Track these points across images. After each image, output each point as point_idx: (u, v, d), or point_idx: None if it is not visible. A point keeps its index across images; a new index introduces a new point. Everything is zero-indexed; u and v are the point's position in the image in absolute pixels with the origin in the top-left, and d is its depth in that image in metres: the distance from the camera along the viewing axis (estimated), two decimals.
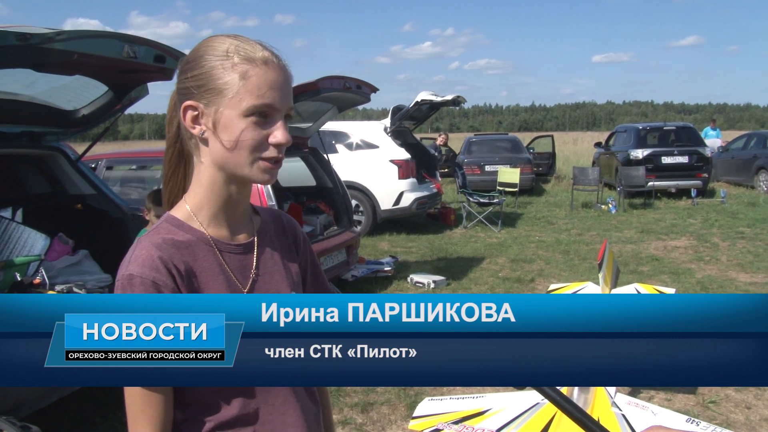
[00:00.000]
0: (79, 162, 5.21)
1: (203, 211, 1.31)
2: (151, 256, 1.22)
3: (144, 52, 3.90)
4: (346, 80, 7.11)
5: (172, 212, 1.33)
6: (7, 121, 4.41)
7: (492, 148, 18.91)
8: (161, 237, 1.27)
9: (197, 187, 1.31)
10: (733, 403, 4.58)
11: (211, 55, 1.23)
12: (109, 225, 5.12)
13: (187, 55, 1.29)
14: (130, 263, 1.22)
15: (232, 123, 1.22)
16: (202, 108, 1.24)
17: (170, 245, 1.25)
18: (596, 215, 14.00)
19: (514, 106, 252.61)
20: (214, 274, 1.28)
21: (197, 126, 1.26)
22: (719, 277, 8.20)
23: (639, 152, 16.15)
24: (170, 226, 1.30)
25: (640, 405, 2.99)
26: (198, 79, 1.24)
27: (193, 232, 1.29)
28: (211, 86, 1.22)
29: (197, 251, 1.28)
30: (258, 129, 1.22)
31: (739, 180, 18.42)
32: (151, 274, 1.20)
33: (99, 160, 7.97)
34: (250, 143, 1.22)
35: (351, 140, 11.89)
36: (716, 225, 12.19)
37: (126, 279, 1.20)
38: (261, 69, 1.22)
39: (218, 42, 1.25)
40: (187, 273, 1.24)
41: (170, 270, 1.22)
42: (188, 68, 1.26)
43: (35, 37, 3.22)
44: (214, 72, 1.22)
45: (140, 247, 1.25)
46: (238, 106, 1.21)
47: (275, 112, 1.24)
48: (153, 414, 1.20)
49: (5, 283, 4.17)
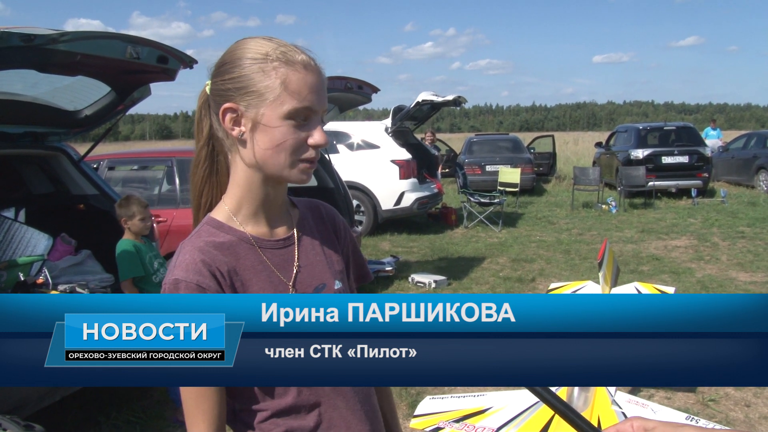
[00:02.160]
0: (81, 162, 5.22)
1: (242, 210, 1.34)
2: (195, 260, 1.25)
3: (147, 53, 3.91)
4: (347, 80, 7.11)
5: (212, 214, 1.36)
6: (10, 121, 4.42)
7: (493, 148, 18.90)
8: (203, 240, 1.30)
9: (235, 188, 1.34)
10: (733, 401, 4.58)
11: (249, 57, 1.25)
12: (111, 225, 5.11)
13: (222, 57, 1.30)
14: (175, 268, 1.25)
15: (272, 125, 1.24)
16: (242, 110, 1.25)
17: (212, 247, 1.28)
18: (597, 215, 14.00)
19: (515, 106, 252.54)
20: (256, 272, 1.31)
21: (237, 128, 1.27)
22: (719, 277, 8.20)
23: (639, 152, 16.14)
24: (211, 228, 1.33)
25: (641, 403, 2.99)
26: (237, 81, 1.25)
27: (233, 233, 1.32)
28: (251, 89, 1.24)
29: (239, 251, 1.31)
30: (297, 131, 1.25)
31: (739, 180, 18.41)
32: (195, 277, 1.23)
33: (101, 160, 7.97)
34: (291, 145, 1.25)
35: (352, 140, 11.89)
36: (716, 225, 12.18)
37: (172, 284, 1.23)
38: (301, 73, 1.24)
39: (256, 44, 1.26)
40: (229, 273, 1.27)
41: (213, 273, 1.25)
42: (225, 70, 1.27)
43: (39, 38, 3.23)
44: (255, 75, 1.24)
45: (184, 251, 1.28)
46: (279, 108, 1.23)
47: (314, 115, 1.27)
48: (207, 407, 1.24)
49: (8, 283, 4.18)
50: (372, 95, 7.81)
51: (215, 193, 1.40)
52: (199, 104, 1.37)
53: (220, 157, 1.38)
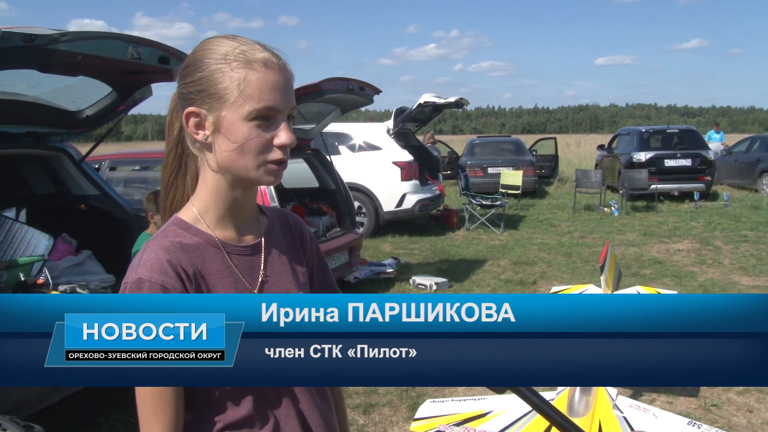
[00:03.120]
0: (82, 162, 5.22)
1: (210, 213, 1.31)
2: (160, 260, 1.22)
3: (148, 54, 3.91)
4: (349, 82, 7.11)
5: (179, 215, 1.32)
6: (12, 121, 4.43)
7: (495, 150, 18.88)
8: (169, 240, 1.26)
9: (203, 190, 1.31)
10: (735, 406, 4.57)
11: (210, 58, 1.23)
12: (113, 225, 5.13)
13: (186, 59, 1.28)
14: (139, 267, 1.21)
15: (235, 127, 1.21)
16: (204, 113, 1.23)
17: (178, 248, 1.25)
18: (599, 218, 13.98)
19: (517, 108, 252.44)
20: (222, 276, 1.28)
21: (201, 132, 1.25)
22: (722, 281, 8.18)
23: (642, 155, 16.12)
24: (178, 228, 1.29)
25: (642, 407, 2.98)
26: (198, 84, 1.23)
27: (200, 235, 1.29)
28: (211, 91, 1.21)
29: (205, 254, 1.28)
30: (262, 132, 1.21)
31: (742, 183, 18.38)
32: (160, 278, 1.19)
33: (102, 160, 7.98)
34: (255, 147, 1.22)
35: (354, 142, 11.89)
36: (719, 228, 12.17)
37: (134, 283, 1.20)
38: (260, 71, 1.21)
39: (216, 45, 1.24)
40: (195, 276, 1.24)
41: (179, 273, 1.22)
42: (188, 72, 1.26)
43: (40, 38, 3.23)
44: (214, 76, 1.21)
45: (149, 250, 1.24)
46: (240, 110, 1.20)
47: (278, 114, 1.23)
48: (164, 415, 1.20)
49: (9, 283, 4.18)
50: (373, 97, 7.81)
51: (181, 194, 1.38)
52: (170, 107, 1.35)
53: (190, 160, 1.36)
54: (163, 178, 1.38)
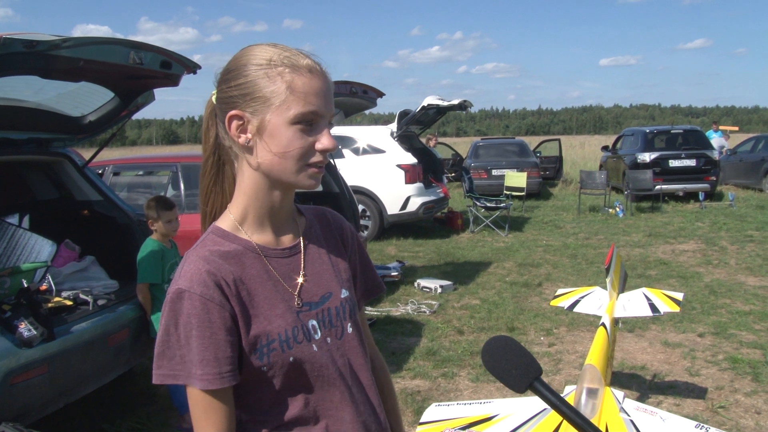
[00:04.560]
0: (86, 168, 5.21)
1: (248, 218, 1.33)
2: (199, 271, 1.23)
3: (150, 59, 3.90)
4: (352, 85, 7.11)
5: (217, 223, 1.34)
6: (14, 127, 4.42)
7: (499, 152, 18.87)
8: (208, 249, 1.28)
9: (241, 196, 1.33)
10: (743, 408, 4.54)
11: (254, 64, 1.24)
12: (116, 231, 5.12)
13: (227, 65, 1.30)
14: (180, 278, 1.24)
15: (279, 131, 1.23)
16: (247, 117, 1.25)
17: (217, 257, 1.27)
18: (604, 219, 13.95)
19: (521, 110, 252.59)
20: (262, 281, 1.30)
21: (243, 135, 1.26)
22: (728, 281, 8.14)
23: (646, 155, 16.08)
24: (216, 237, 1.31)
25: (649, 410, 2.95)
26: (242, 88, 1.24)
27: (239, 242, 1.31)
28: (256, 95, 1.23)
29: (244, 260, 1.29)
30: (305, 136, 1.24)
31: (747, 183, 18.32)
32: (200, 288, 1.21)
33: (106, 166, 7.97)
34: (299, 150, 1.24)
35: (358, 145, 11.89)
36: (724, 228, 12.12)
37: (175, 294, 1.22)
38: (306, 77, 1.23)
39: (260, 51, 1.26)
40: (235, 283, 1.26)
41: (218, 283, 1.23)
42: (230, 77, 1.27)
43: (41, 44, 3.22)
44: (260, 81, 1.23)
45: (189, 261, 1.27)
46: (285, 114, 1.22)
47: (320, 119, 1.25)
48: (216, 419, 1.23)
49: (12, 290, 4.17)
50: (377, 100, 7.81)
51: (220, 202, 1.39)
52: (206, 114, 1.37)
53: (227, 167, 1.37)
54: (202, 185, 1.40)
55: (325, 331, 1.35)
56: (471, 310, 7.14)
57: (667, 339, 5.98)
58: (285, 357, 1.27)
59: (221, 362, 1.20)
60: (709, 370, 5.25)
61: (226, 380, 1.21)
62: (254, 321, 1.26)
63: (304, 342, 1.30)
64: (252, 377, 1.27)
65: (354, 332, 1.40)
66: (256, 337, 1.25)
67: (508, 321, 6.67)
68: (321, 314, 1.35)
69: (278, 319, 1.28)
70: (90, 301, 4.35)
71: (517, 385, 1.20)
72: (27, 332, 3.52)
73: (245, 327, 1.25)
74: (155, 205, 4.32)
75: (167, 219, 4.32)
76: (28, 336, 3.51)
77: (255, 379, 1.27)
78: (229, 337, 1.22)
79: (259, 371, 1.26)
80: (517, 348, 1.22)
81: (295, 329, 1.29)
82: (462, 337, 6.25)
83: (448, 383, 5.10)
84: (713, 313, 6.77)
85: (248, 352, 1.25)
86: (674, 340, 5.97)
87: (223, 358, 1.20)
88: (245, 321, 1.25)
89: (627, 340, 5.98)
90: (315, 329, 1.33)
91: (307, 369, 1.30)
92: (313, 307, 1.35)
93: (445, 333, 6.35)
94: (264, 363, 1.26)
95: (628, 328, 6.24)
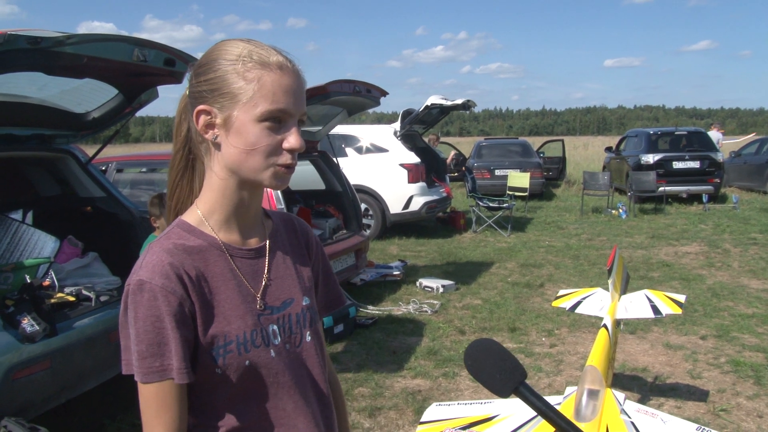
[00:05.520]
0: (89, 164, 5.22)
1: (214, 215, 1.31)
2: (162, 262, 1.21)
3: (154, 56, 3.91)
4: (355, 84, 7.11)
5: (183, 217, 1.32)
6: (18, 123, 4.43)
7: (502, 152, 18.85)
8: (172, 242, 1.26)
9: (208, 192, 1.31)
10: (745, 411, 4.53)
11: (225, 59, 1.23)
12: (119, 227, 5.13)
13: (200, 59, 1.29)
14: (141, 269, 1.22)
15: (246, 128, 1.21)
16: (215, 112, 1.23)
17: (181, 251, 1.25)
18: (606, 220, 13.93)
19: (525, 110, 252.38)
20: (225, 280, 1.28)
21: (210, 130, 1.25)
22: (731, 284, 8.13)
23: (650, 157, 16.04)
24: (181, 231, 1.29)
25: (650, 412, 2.95)
26: (211, 83, 1.23)
27: (204, 237, 1.29)
28: (225, 90, 1.22)
29: (208, 256, 1.28)
30: (272, 134, 1.22)
31: (751, 185, 18.28)
32: (161, 280, 1.19)
33: (109, 162, 7.99)
34: (265, 148, 1.22)
35: (361, 144, 11.88)
36: (728, 231, 12.09)
37: (136, 285, 1.20)
38: (276, 74, 1.21)
39: (232, 46, 1.25)
40: (198, 278, 1.24)
41: (181, 276, 1.22)
42: (201, 72, 1.26)
43: (45, 41, 3.23)
44: (228, 76, 1.22)
45: (151, 252, 1.24)
46: (252, 111, 1.20)
47: (289, 118, 1.24)
48: (168, 418, 1.20)
49: (15, 285, 4.18)
50: (380, 99, 7.80)
51: (186, 196, 1.37)
52: (179, 107, 1.35)
53: (197, 162, 1.35)
54: (170, 179, 1.38)
55: (285, 337, 1.33)
56: (473, 310, 7.14)
57: (669, 341, 5.97)
58: (241, 360, 1.24)
59: (176, 357, 1.18)
60: (711, 372, 5.24)
61: (182, 376, 1.19)
62: (214, 320, 1.24)
63: (262, 346, 1.27)
64: (206, 379, 1.24)
65: (313, 341, 1.38)
66: (214, 336, 1.23)
67: (509, 321, 6.66)
68: (281, 319, 1.33)
69: (238, 320, 1.26)
70: (92, 297, 4.36)
71: (501, 390, 1.17)
72: (30, 327, 3.52)
73: (203, 325, 1.23)
74: (158, 203, 4.33)
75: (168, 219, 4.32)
76: (30, 331, 3.52)
77: (208, 381, 1.24)
78: (187, 334, 1.20)
79: (213, 373, 1.23)
80: (500, 351, 1.19)
81: (254, 332, 1.27)
82: (463, 337, 6.24)
83: (449, 383, 5.10)
84: (715, 315, 6.76)
85: (205, 351, 1.23)
86: (676, 342, 5.96)
87: (179, 353, 1.18)
88: (204, 318, 1.23)
89: (629, 341, 5.97)
90: (275, 334, 1.31)
91: (263, 374, 1.27)
92: (274, 311, 1.33)
93: (447, 333, 6.35)
94: (219, 364, 1.23)
95: (630, 330, 6.23)
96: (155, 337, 1.18)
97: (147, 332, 1.18)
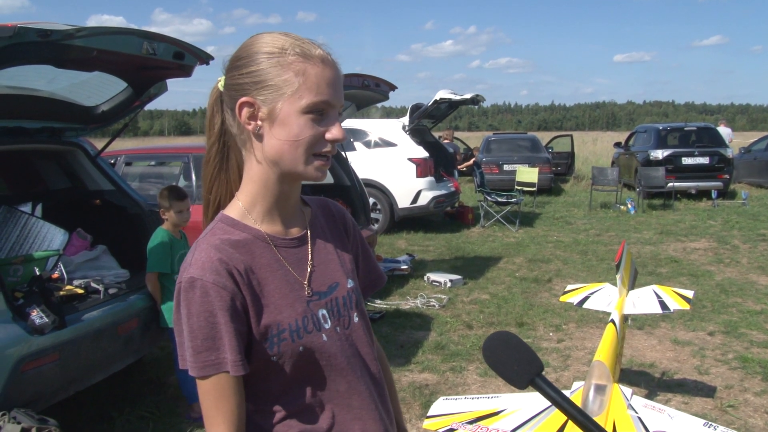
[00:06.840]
0: (98, 158, 5.24)
1: (257, 207, 1.33)
2: (211, 259, 1.23)
3: (163, 49, 3.91)
4: (364, 78, 7.10)
5: (225, 211, 1.34)
6: (27, 116, 4.44)
7: (511, 147, 18.81)
8: (218, 238, 1.28)
9: (249, 184, 1.32)
10: (752, 407, 4.51)
11: (266, 52, 1.24)
12: (128, 221, 5.15)
13: (237, 52, 1.30)
14: (191, 266, 1.24)
15: (290, 119, 1.23)
16: (258, 104, 1.24)
17: (228, 246, 1.27)
18: (615, 216, 13.89)
19: (534, 105, 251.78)
20: (272, 270, 1.30)
21: (253, 122, 1.26)
22: (739, 280, 8.09)
23: (659, 153, 15.97)
24: (225, 225, 1.31)
25: (657, 408, 2.95)
26: (254, 75, 1.24)
27: (248, 230, 1.31)
28: (269, 83, 1.23)
29: (254, 249, 1.30)
30: (315, 125, 1.24)
31: (761, 181, 18.18)
32: (212, 276, 1.22)
33: (118, 156, 8.02)
34: (308, 139, 1.24)
35: (369, 138, 11.88)
36: (737, 227, 12.04)
37: (187, 282, 1.22)
38: (319, 67, 1.23)
39: (272, 39, 1.26)
40: (246, 272, 1.26)
41: (231, 271, 1.24)
42: (241, 65, 1.27)
43: (55, 34, 3.24)
44: (272, 69, 1.23)
45: (199, 249, 1.26)
46: (297, 103, 1.22)
47: (331, 109, 1.26)
48: (227, 408, 1.23)
49: (25, 278, 4.20)
50: (389, 93, 7.79)
51: (225, 190, 1.39)
52: (211, 100, 1.36)
53: (232, 154, 1.37)
54: (205, 173, 1.40)
55: (335, 320, 1.36)
56: (480, 304, 7.13)
57: (676, 337, 5.95)
58: (295, 347, 1.27)
59: (231, 350, 1.21)
60: (719, 368, 5.22)
61: (237, 369, 1.21)
62: (265, 310, 1.26)
63: (314, 332, 1.30)
64: (261, 367, 1.27)
65: (361, 322, 1.41)
66: (267, 326, 1.26)
67: (517, 316, 6.66)
68: (329, 303, 1.36)
69: (288, 308, 1.29)
70: (101, 290, 4.38)
71: (518, 381, 1.19)
72: (39, 320, 3.54)
73: (256, 316, 1.25)
74: (168, 195, 4.34)
75: (179, 209, 4.34)
76: (39, 323, 3.54)
77: (264, 368, 1.27)
78: (240, 327, 1.23)
79: (269, 361, 1.27)
80: (518, 344, 1.21)
81: (305, 319, 1.30)
82: (471, 331, 6.24)
83: (456, 377, 5.10)
84: (724, 311, 6.73)
85: (258, 341, 1.25)
86: (684, 338, 5.94)
87: (233, 346, 1.21)
88: (256, 310, 1.25)
89: (636, 337, 5.96)
90: (325, 318, 1.34)
91: (317, 358, 1.30)
92: (322, 296, 1.35)
93: (454, 327, 6.35)
94: (274, 353, 1.26)
95: (638, 326, 6.22)
96: (209, 332, 1.20)
97: (201, 328, 1.20)
